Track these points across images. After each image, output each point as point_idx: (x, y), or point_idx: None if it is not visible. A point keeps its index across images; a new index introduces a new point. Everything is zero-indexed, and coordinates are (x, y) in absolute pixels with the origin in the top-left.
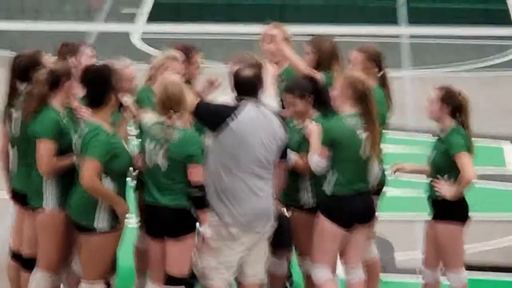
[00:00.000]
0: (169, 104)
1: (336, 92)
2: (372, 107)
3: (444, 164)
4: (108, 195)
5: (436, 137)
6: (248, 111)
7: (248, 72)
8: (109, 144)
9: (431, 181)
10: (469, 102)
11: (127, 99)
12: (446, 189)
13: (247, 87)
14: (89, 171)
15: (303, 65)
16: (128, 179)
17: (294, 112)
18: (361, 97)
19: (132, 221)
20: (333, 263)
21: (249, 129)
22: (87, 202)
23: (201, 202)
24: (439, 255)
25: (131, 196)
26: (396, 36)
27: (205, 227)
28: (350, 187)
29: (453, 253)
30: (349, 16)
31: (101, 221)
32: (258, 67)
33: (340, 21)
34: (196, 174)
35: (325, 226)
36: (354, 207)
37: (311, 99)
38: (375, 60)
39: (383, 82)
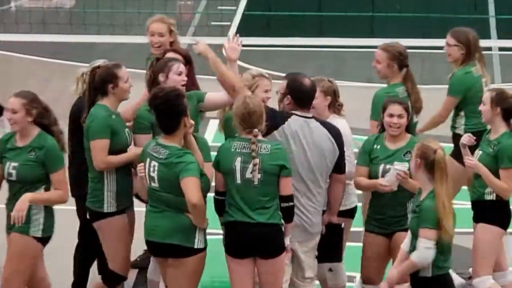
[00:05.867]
0: (251, 120)
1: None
2: None
3: (490, 167)
4: (205, 214)
5: (486, 139)
6: (294, 123)
7: (306, 83)
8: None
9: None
10: None
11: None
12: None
13: (303, 97)
14: (197, 191)
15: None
16: None
17: (399, 125)
18: None
19: None
20: None
21: (291, 142)
22: (186, 224)
23: (291, 215)
24: (472, 257)
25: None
26: (488, 49)
27: (288, 239)
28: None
29: (481, 255)
30: (438, 29)
31: (200, 241)
32: (314, 82)
33: (429, 34)
34: (287, 186)
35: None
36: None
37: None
38: (398, 58)
39: (405, 80)
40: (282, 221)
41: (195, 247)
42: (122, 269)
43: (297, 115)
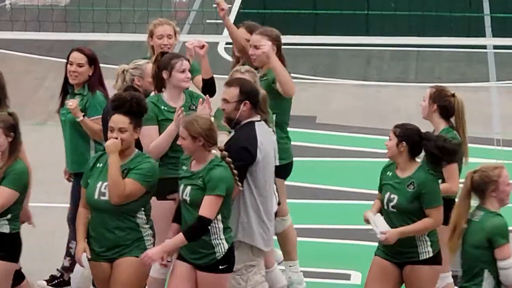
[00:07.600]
0: (215, 133)
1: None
2: None
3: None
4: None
5: None
6: (261, 128)
7: (254, 84)
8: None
9: None
10: (463, 105)
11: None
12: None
13: (259, 100)
14: None
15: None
16: None
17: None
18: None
19: None
20: None
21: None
22: None
23: None
24: None
25: None
26: (483, 47)
27: None
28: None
29: None
30: (435, 27)
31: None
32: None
33: (425, 32)
34: None
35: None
36: None
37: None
38: (277, 41)
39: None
40: None
41: None
42: None
43: (256, 121)
